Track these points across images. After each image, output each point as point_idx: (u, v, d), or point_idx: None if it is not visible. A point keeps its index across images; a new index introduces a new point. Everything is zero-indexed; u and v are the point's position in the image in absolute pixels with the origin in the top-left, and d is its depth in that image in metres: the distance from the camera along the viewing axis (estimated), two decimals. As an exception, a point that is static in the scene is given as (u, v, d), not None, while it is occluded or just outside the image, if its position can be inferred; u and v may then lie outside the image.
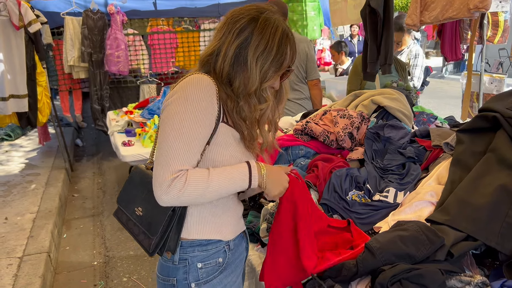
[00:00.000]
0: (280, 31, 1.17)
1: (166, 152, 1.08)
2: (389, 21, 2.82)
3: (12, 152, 5.65)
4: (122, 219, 1.32)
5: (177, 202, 1.09)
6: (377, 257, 1.16)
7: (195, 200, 1.11)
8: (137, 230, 1.24)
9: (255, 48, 1.14)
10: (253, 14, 1.17)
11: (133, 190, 1.30)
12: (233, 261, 1.32)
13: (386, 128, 1.95)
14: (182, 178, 1.06)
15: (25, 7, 4.08)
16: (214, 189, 1.10)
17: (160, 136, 1.11)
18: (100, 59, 5.33)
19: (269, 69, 1.16)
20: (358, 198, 1.61)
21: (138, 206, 1.25)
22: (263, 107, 1.20)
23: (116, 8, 5.29)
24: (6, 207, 3.85)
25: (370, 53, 2.98)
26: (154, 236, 1.18)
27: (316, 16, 5.43)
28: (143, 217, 1.22)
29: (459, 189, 1.37)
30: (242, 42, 1.14)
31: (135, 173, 1.33)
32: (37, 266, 2.89)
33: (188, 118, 1.08)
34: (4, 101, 4.15)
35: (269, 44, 1.14)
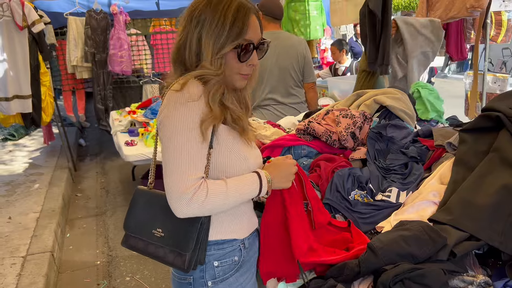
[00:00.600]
0: (235, 4, 1.14)
1: (175, 165, 1.07)
2: (387, 22, 2.81)
3: (16, 152, 5.67)
4: (138, 246, 1.26)
5: (197, 213, 1.10)
6: (380, 256, 1.16)
7: (214, 211, 1.14)
8: (163, 252, 1.20)
9: (208, 27, 1.12)
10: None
11: (143, 213, 1.26)
12: (248, 259, 1.34)
13: (389, 127, 1.95)
14: (203, 190, 1.08)
15: (29, 7, 4.09)
16: (232, 200, 1.13)
17: (164, 153, 1.11)
18: (103, 59, 5.35)
19: (225, 43, 1.12)
20: (360, 198, 1.60)
21: (156, 228, 1.21)
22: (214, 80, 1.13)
23: (119, 8, 5.30)
24: (10, 206, 3.87)
25: (369, 54, 2.98)
26: (187, 252, 1.15)
27: (319, 16, 5.42)
28: (167, 237, 1.19)
29: (462, 189, 1.36)
30: (201, 27, 1.14)
31: (138, 196, 1.30)
32: (40, 266, 2.91)
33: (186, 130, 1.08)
34: (8, 101, 4.17)
35: (221, 19, 1.12)
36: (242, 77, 1.21)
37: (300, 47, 2.99)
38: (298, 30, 5.38)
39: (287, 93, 3.04)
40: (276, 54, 2.92)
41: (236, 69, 1.18)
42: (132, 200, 1.30)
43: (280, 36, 2.97)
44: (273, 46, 2.92)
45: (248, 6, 1.16)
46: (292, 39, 3.02)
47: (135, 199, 1.30)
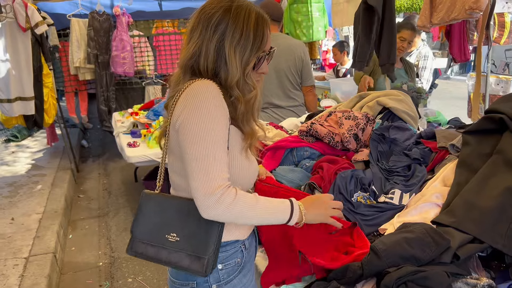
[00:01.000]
0: (254, 15, 1.15)
1: (203, 166, 1.05)
2: (390, 20, 2.80)
3: (19, 153, 5.68)
4: (148, 253, 1.20)
5: (222, 216, 1.07)
6: (383, 259, 1.16)
7: (239, 219, 1.11)
8: (177, 257, 1.16)
9: (231, 38, 1.12)
10: (225, 5, 1.15)
11: (153, 218, 1.21)
12: (249, 259, 1.34)
13: (392, 129, 1.94)
14: (231, 193, 1.06)
15: (32, 9, 4.11)
16: (257, 215, 1.11)
17: (188, 154, 1.08)
18: (106, 61, 5.36)
19: (250, 56, 1.15)
20: (363, 200, 1.60)
21: (170, 232, 1.17)
22: (251, 96, 1.17)
23: (122, 9, 5.31)
24: (13, 207, 3.87)
25: (359, 52, 2.95)
26: (207, 255, 1.13)
27: (321, 17, 5.42)
28: (183, 241, 1.16)
29: (465, 191, 1.36)
30: (220, 36, 1.13)
31: (146, 202, 1.24)
32: (43, 267, 2.91)
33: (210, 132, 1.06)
34: (10, 103, 4.18)
35: (244, 30, 1.13)
36: None
37: (298, 50, 2.96)
38: (300, 31, 5.38)
39: (285, 96, 3.02)
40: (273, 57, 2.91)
41: None
42: (139, 205, 1.25)
43: (278, 39, 2.96)
44: None
45: (265, 17, 1.18)
46: (289, 42, 3.00)
47: (143, 203, 1.25)
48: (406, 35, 3.22)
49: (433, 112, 2.65)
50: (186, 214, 1.13)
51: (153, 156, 3.34)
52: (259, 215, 1.12)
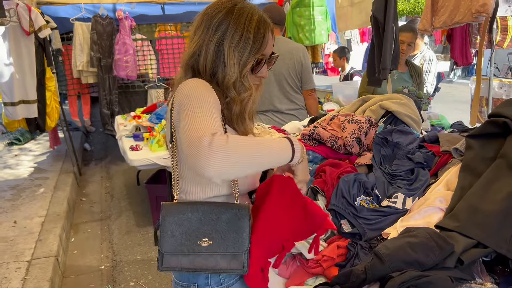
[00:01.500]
0: (255, 18, 1.16)
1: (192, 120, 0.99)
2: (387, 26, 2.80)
3: (22, 156, 5.70)
4: (183, 264, 1.15)
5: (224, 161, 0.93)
6: (386, 263, 1.15)
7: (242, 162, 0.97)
8: (214, 261, 1.13)
9: (230, 39, 1.14)
10: (228, 6, 1.16)
11: (180, 229, 1.16)
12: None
13: (395, 133, 1.94)
14: (223, 136, 0.95)
15: (35, 12, 4.13)
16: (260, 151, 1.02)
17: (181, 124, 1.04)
18: (109, 64, 5.38)
19: (248, 58, 1.15)
20: (366, 204, 1.59)
21: (201, 238, 1.13)
22: (245, 96, 1.18)
23: (125, 13, 5.34)
24: (15, 210, 3.88)
25: (377, 59, 2.97)
26: (244, 251, 1.13)
27: (324, 21, 5.43)
28: (216, 244, 1.13)
29: (469, 195, 1.35)
30: (220, 36, 1.15)
31: (168, 213, 1.17)
32: (45, 270, 2.91)
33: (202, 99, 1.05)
34: (14, 106, 4.19)
35: (245, 32, 1.14)
36: None
37: (298, 54, 2.96)
38: (303, 35, 5.39)
39: (285, 99, 3.02)
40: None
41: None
42: (162, 220, 1.18)
43: (278, 42, 2.95)
44: None
45: (267, 21, 1.19)
46: (289, 45, 3.00)
47: (165, 217, 1.17)
48: (405, 38, 3.24)
49: (436, 115, 2.64)
50: (211, 216, 1.13)
51: (156, 159, 3.35)
52: (263, 152, 1.03)
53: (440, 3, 2.90)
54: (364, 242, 1.46)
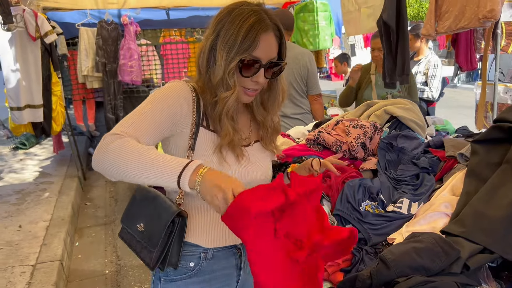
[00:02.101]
0: (252, 19, 1.12)
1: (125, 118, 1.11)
2: (403, 32, 2.81)
3: (27, 161, 5.73)
4: (126, 239, 1.27)
5: (100, 164, 1.02)
6: (392, 269, 1.15)
7: (117, 165, 0.99)
8: (140, 247, 1.20)
9: (223, 37, 1.13)
10: (231, 7, 1.16)
11: (135, 208, 1.26)
12: (209, 272, 1.26)
13: (399, 138, 1.94)
14: (115, 136, 1.02)
15: (42, 18, 4.17)
16: (131, 161, 0.99)
17: None
18: (114, 69, 5.40)
19: (234, 56, 1.12)
20: (371, 209, 1.59)
21: (140, 222, 1.22)
22: (226, 95, 1.14)
23: (130, 19, 5.37)
24: (20, 215, 3.89)
25: (387, 64, 2.98)
26: (154, 249, 1.15)
27: (328, 26, 5.45)
28: (145, 232, 1.19)
29: (475, 201, 1.35)
30: (216, 35, 1.14)
31: (137, 192, 1.29)
32: (49, 274, 2.91)
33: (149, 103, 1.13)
34: (20, 110, 4.22)
35: (236, 31, 1.11)
36: (245, 92, 1.19)
37: (303, 59, 2.97)
38: (307, 40, 5.40)
39: (291, 104, 3.03)
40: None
41: (240, 82, 1.17)
42: (131, 197, 1.30)
43: None
44: None
45: (265, 23, 1.13)
46: (295, 50, 3.01)
47: (134, 194, 1.29)
48: (374, 44, 3.27)
49: (441, 120, 2.64)
50: (150, 206, 1.17)
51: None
52: (142, 165, 0.98)
53: (444, 8, 2.90)
54: (369, 247, 1.46)
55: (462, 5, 2.69)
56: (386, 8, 2.87)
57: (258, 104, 1.29)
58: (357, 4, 4.39)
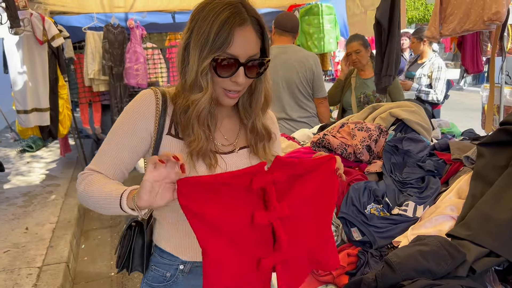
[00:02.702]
0: (225, 14, 1.01)
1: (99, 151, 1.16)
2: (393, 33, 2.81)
3: (33, 163, 5.77)
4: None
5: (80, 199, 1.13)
6: (397, 272, 1.15)
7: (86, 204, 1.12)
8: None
9: (195, 36, 1.04)
10: (206, 1, 1.06)
11: None
12: (186, 286, 1.22)
13: (405, 141, 1.93)
14: (81, 179, 1.12)
15: (49, 22, 4.20)
16: (93, 202, 1.08)
17: None
18: (120, 72, 5.44)
19: (207, 54, 1.02)
20: (376, 212, 1.59)
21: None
22: (197, 97, 1.05)
23: (136, 22, 5.40)
24: (27, 217, 3.92)
25: (376, 64, 2.99)
26: (117, 252, 1.24)
27: (333, 29, 5.45)
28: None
29: (481, 204, 1.34)
30: (189, 35, 1.06)
31: None
32: (56, 276, 2.93)
33: (116, 127, 1.14)
34: (27, 114, 4.26)
35: (208, 28, 1.01)
36: (225, 93, 1.09)
37: (309, 62, 2.97)
38: (312, 43, 5.41)
39: (297, 107, 3.03)
40: (284, 68, 2.93)
41: (218, 83, 1.07)
42: None
43: (288, 51, 2.97)
44: (281, 60, 2.93)
45: (241, 16, 1.02)
46: (300, 54, 3.01)
47: None
48: (350, 48, 3.30)
49: (447, 123, 2.63)
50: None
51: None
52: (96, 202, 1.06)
53: (449, 10, 2.89)
54: (375, 250, 1.45)
55: (467, 8, 2.68)
56: (380, 7, 2.88)
57: (243, 106, 1.20)
58: (363, 7, 4.39)
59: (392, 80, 2.95)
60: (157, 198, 0.91)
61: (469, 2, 2.65)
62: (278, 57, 2.92)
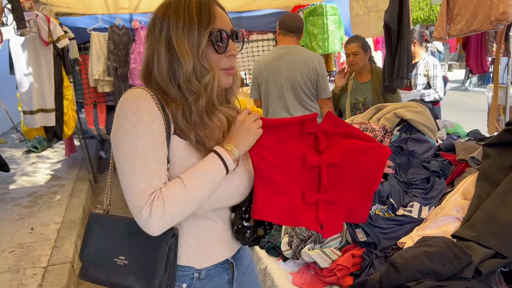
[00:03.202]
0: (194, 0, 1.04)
1: (128, 181, 0.98)
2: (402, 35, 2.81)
3: (39, 164, 5.79)
4: (100, 278, 1.13)
5: (167, 225, 0.97)
6: (402, 273, 1.15)
7: (182, 214, 0.99)
8: (128, 282, 1.08)
9: (176, 30, 1.02)
10: (164, 3, 1.07)
11: (101, 241, 1.14)
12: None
13: (410, 141, 1.93)
14: (159, 201, 0.94)
15: (54, 23, 4.22)
16: (195, 195, 0.98)
17: (117, 167, 1.02)
18: (125, 73, 5.46)
19: (200, 36, 1.02)
20: (381, 213, 1.58)
21: (118, 255, 1.10)
22: (208, 79, 1.04)
23: (141, 23, 5.43)
24: (32, 217, 3.94)
25: (386, 67, 2.98)
26: (156, 279, 1.03)
27: (337, 30, 5.44)
28: (132, 265, 1.08)
29: (487, 205, 1.34)
30: (166, 33, 1.03)
31: (94, 225, 1.17)
32: (61, 276, 2.94)
33: (135, 138, 0.98)
34: (32, 114, 4.28)
35: (187, 16, 1.02)
36: (225, 73, 1.10)
37: (314, 62, 2.96)
38: (316, 44, 5.40)
39: (300, 107, 3.03)
40: (288, 69, 2.93)
41: (216, 65, 1.07)
42: (87, 228, 1.17)
43: (292, 51, 2.96)
44: (285, 60, 2.93)
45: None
46: (304, 54, 3.01)
47: (91, 226, 1.17)
48: (348, 50, 3.25)
49: (452, 124, 2.62)
50: (135, 234, 1.03)
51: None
52: (196, 191, 0.98)
53: (456, 11, 2.88)
54: (379, 251, 1.45)
55: (474, 8, 2.67)
56: (389, 10, 2.87)
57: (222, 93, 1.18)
58: (366, 7, 4.38)
59: (404, 82, 2.95)
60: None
61: (476, 2, 2.64)
62: (282, 58, 2.91)
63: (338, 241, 1.58)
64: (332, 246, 1.55)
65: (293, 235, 1.63)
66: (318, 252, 1.50)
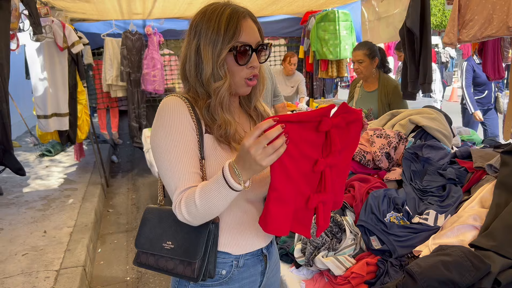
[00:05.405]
0: (228, 11, 1.14)
1: (167, 180, 1.13)
2: (426, 40, 2.79)
3: (52, 168, 5.86)
4: (150, 262, 1.27)
5: (195, 224, 1.12)
6: (419, 282, 1.13)
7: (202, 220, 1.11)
8: (173, 264, 1.21)
9: (205, 37, 1.14)
10: (202, 10, 1.18)
11: (153, 230, 1.27)
12: (239, 279, 1.27)
13: (425, 148, 1.90)
14: (182, 205, 1.08)
15: (69, 29, 4.28)
16: (206, 211, 1.06)
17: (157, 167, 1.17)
18: (138, 79, 5.51)
19: (222, 48, 1.13)
20: (396, 220, 1.56)
21: (166, 241, 1.22)
22: (218, 84, 1.14)
23: (154, 29, 5.48)
24: (45, 220, 3.97)
25: (409, 73, 2.95)
26: (196, 260, 1.15)
27: (349, 35, 5.43)
28: (177, 248, 1.20)
29: (506, 213, 1.31)
30: (198, 38, 1.16)
31: (149, 215, 1.31)
32: (73, 280, 2.95)
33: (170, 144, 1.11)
34: (47, 119, 4.33)
35: (216, 26, 1.13)
36: (246, 82, 1.19)
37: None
38: (327, 49, 5.40)
39: None
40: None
41: (237, 74, 1.17)
42: (142, 219, 1.32)
43: None
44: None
45: (241, 10, 1.16)
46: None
47: (146, 217, 1.32)
48: (353, 57, 3.20)
49: (467, 130, 2.58)
50: (181, 222, 1.15)
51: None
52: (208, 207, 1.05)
53: (468, 16, 2.85)
54: (395, 260, 1.43)
55: (489, 14, 2.64)
56: (410, 15, 2.85)
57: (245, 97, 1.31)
58: (377, 13, 4.37)
59: (431, 87, 2.92)
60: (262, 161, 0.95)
61: (491, 8, 2.61)
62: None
63: (352, 248, 1.56)
64: (346, 254, 1.54)
65: (306, 242, 1.62)
66: (332, 260, 1.48)
